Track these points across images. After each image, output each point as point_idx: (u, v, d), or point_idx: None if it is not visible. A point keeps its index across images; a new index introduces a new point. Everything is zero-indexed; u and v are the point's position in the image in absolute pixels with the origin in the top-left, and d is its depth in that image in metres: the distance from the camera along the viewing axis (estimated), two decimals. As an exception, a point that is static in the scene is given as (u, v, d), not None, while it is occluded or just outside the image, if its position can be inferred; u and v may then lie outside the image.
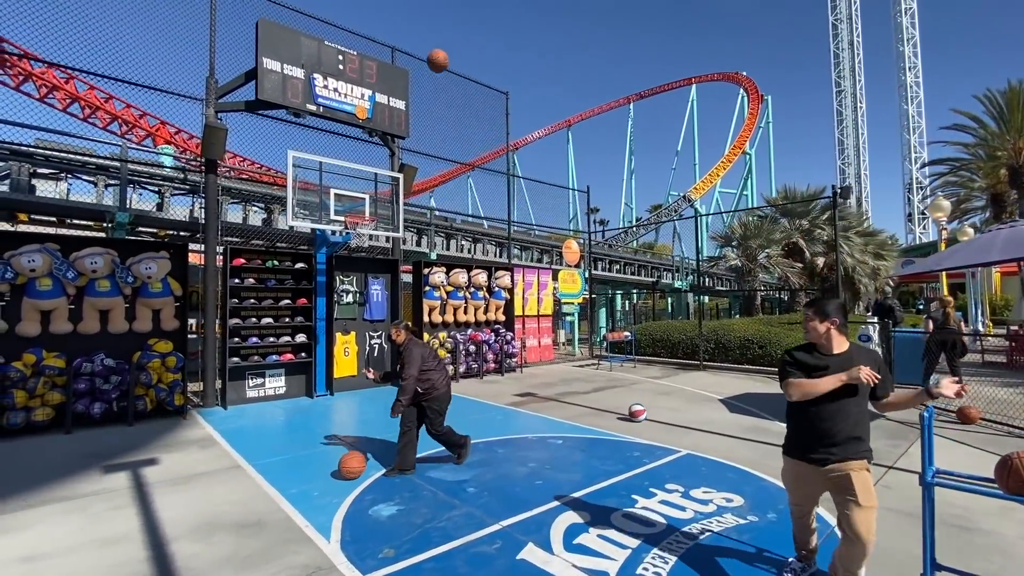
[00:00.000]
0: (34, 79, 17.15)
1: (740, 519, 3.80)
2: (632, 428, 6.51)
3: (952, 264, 5.92)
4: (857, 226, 19.62)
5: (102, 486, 4.52)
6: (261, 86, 7.65)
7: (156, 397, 7.09)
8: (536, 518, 3.81)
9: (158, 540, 3.51)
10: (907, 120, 51.23)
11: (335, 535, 3.59)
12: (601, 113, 56.87)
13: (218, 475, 4.86)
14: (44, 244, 6.56)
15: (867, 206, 60.34)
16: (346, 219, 7.88)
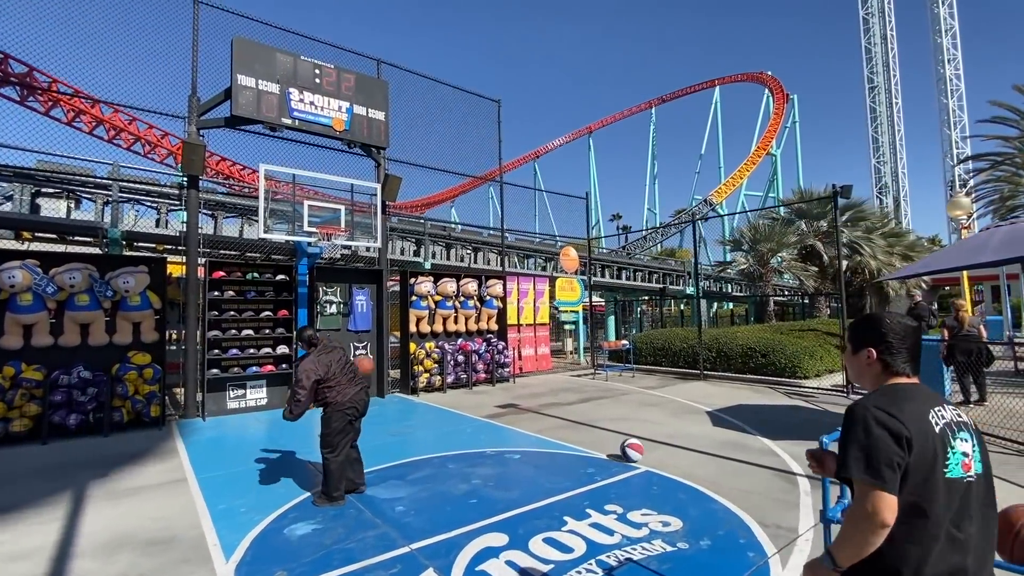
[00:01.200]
0: (62, 104, 18.12)
1: (668, 546, 3.51)
2: (598, 443, 6.23)
3: (940, 267, 5.43)
4: (881, 226, 18.62)
5: (42, 498, 4.57)
6: (236, 102, 7.79)
7: (133, 408, 7.22)
8: (451, 541, 3.62)
9: (62, 556, 3.48)
10: (947, 115, 48.57)
11: (238, 554, 3.49)
12: (623, 119, 56.36)
13: (160, 488, 4.85)
14: (24, 261, 6.80)
15: (906, 206, 57.49)
16: (319, 230, 7.90)
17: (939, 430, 1.36)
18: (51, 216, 9.37)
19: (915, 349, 1.52)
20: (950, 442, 1.36)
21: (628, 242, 38.97)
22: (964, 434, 1.39)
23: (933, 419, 1.38)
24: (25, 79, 16.73)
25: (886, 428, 1.34)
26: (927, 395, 1.45)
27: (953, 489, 1.33)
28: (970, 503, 1.35)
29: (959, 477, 1.35)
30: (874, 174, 57.89)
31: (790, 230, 17.46)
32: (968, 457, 1.37)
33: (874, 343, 1.54)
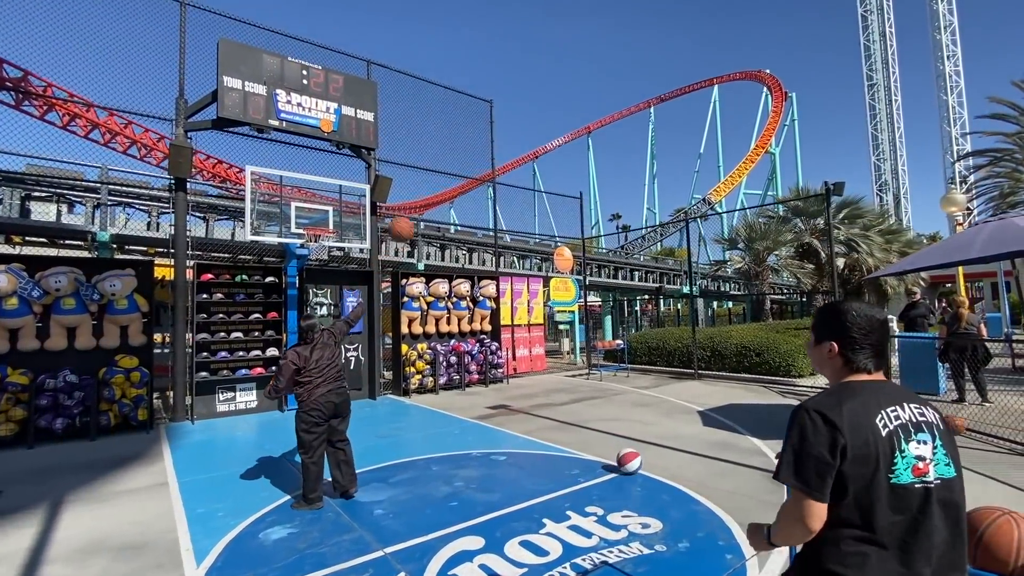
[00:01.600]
0: (57, 108, 18.13)
1: (646, 549, 3.46)
2: (585, 444, 6.18)
3: (927, 263, 5.36)
4: (879, 224, 18.51)
5: (22, 503, 4.54)
6: (222, 104, 7.77)
7: (120, 412, 7.19)
8: (426, 544, 3.58)
9: (34, 563, 3.45)
10: (947, 111, 48.36)
11: (209, 560, 3.45)
12: (622, 118, 56.31)
13: (140, 493, 4.82)
14: (9, 265, 6.77)
15: (907, 204, 57.30)
16: (307, 231, 7.87)
17: (887, 433, 1.28)
18: (40, 220, 9.35)
19: (880, 344, 1.42)
20: (900, 445, 1.27)
21: (628, 241, 38.93)
22: (922, 435, 1.29)
23: (882, 421, 1.29)
24: (20, 84, 16.73)
25: (820, 433, 1.27)
26: (886, 393, 1.36)
27: (901, 496, 1.25)
28: (929, 510, 1.25)
29: (908, 483, 1.25)
30: (874, 171, 57.71)
31: (786, 228, 17.38)
32: (924, 461, 1.27)
33: (836, 336, 1.45)
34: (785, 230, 17.30)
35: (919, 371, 8.80)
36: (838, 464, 1.25)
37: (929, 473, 1.28)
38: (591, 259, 18.93)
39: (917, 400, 1.39)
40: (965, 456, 5.30)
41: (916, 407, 1.35)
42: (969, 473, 4.79)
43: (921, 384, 8.71)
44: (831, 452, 1.25)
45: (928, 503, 1.26)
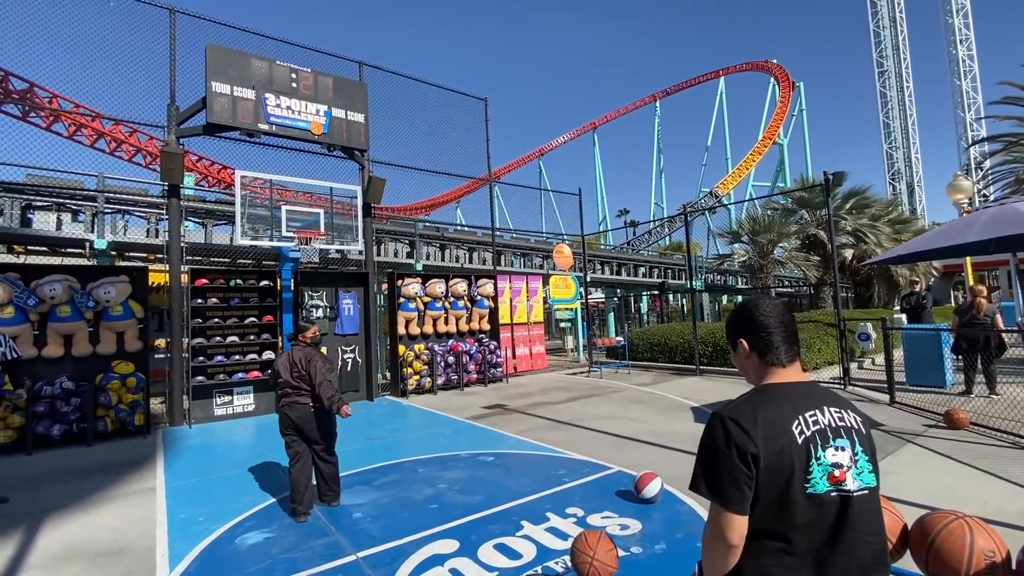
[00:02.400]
0: (64, 119, 18.43)
1: (621, 551, 3.36)
2: (576, 443, 6.11)
3: (921, 249, 5.19)
4: (887, 213, 18.15)
5: (11, 509, 4.58)
6: (211, 109, 7.80)
7: (117, 418, 7.26)
8: (399, 548, 3.55)
9: (12, 569, 3.47)
10: (961, 96, 47.32)
11: (182, 566, 3.45)
12: (627, 113, 55.90)
13: (127, 498, 4.85)
14: (4, 274, 6.86)
15: (921, 192, 56.24)
16: (299, 234, 7.88)
17: (803, 440, 1.21)
18: (40, 229, 9.49)
19: (788, 333, 1.36)
20: (816, 452, 1.21)
21: (635, 237, 38.64)
22: (841, 441, 1.23)
23: (798, 427, 1.22)
24: (26, 95, 17.02)
25: (732, 443, 1.20)
26: (805, 396, 1.29)
27: (817, 506, 1.19)
28: (847, 521, 1.19)
29: (824, 492, 1.19)
30: (886, 160, 56.72)
31: (791, 220, 17.09)
32: (841, 468, 1.21)
33: (744, 333, 1.40)
34: (790, 222, 17.02)
35: (924, 364, 8.59)
36: (754, 474, 1.19)
37: (846, 481, 1.21)
38: (592, 256, 18.79)
39: (838, 403, 1.32)
40: (966, 450, 5.17)
41: (836, 411, 1.28)
42: (968, 469, 4.67)
43: (926, 377, 8.50)
44: (744, 462, 1.19)
45: (847, 512, 1.20)
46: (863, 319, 11.55)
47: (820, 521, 1.19)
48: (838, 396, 1.35)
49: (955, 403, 6.93)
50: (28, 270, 7.20)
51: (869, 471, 1.24)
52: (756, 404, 1.27)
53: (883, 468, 4.69)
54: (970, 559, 1.64)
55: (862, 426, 1.29)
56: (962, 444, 5.40)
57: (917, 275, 17.11)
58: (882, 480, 4.14)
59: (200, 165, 23.08)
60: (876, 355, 11.73)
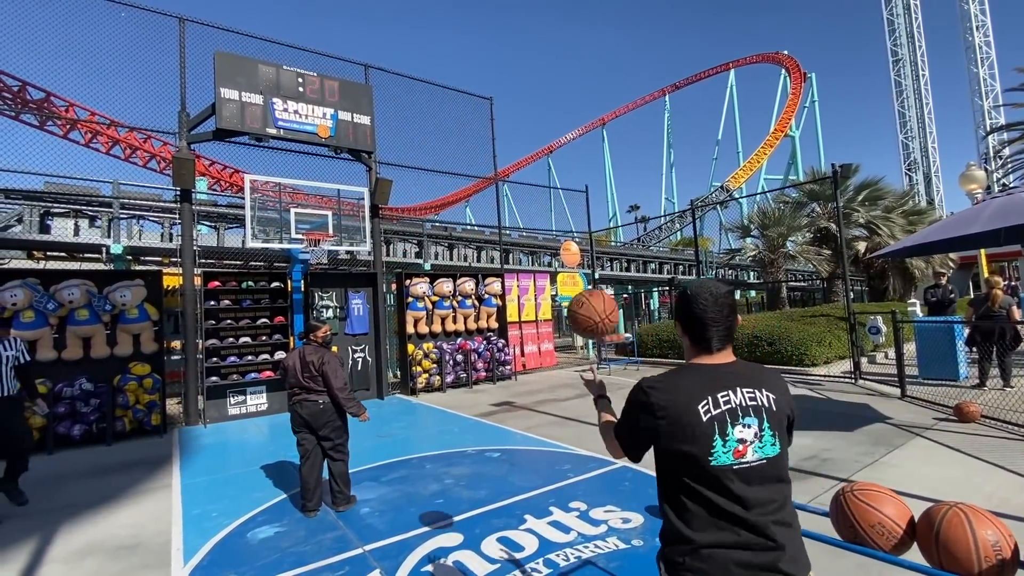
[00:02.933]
0: (80, 127, 18.88)
1: (623, 544, 3.44)
2: (582, 439, 6.15)
3: (925, 240, 5.13)
4: (901, 205, 17.85)
5: (34, 507, 4.75)
6: (220, 115, 7.96)
7: (134, 417, 7.46)
8: (405, 542, 3.63)
9: (34, 563, 3.62)
10: (978, 84, 46.26)
11: (197, 559, 3.57)
12: (636, 108, 55.58)
13: (145, 495, 5.00)
14: (25, 279, 7.08)
15: (938, 182, 55.10)
16: (307, 236, 8.01)
17: (708, 418, 1.31)
18: (59, 235, 9.75)
19: (719, 322, 1.41)
20: (724, 429, 1.31)
21: (645, 232, 38.49)
22: (749, 419, 1.33)
23: (705, 406, 1.32)
24: (43, 104, 17.46)
25: (639, 408, 1.39)
26: (722, 376, 1.39)
27: (724, 476, 1.29)
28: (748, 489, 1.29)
29: (727, 464, 1.29)
30: (902, 150, 55.65)
31: (802, 213, 16.90)
32: (745, 444, 1.31)
33: (680, 317, 1.49)
34: (801, 215, 16.83)
35: (937, 357, 8.48)
36: (649, 440, 1.40)
37: (748, 454, 1.31)
38: (601, 252, 18.76)
39: (754, 383, 1.40)
40: (976, 443, 5.12)
41: (749, 391, 1.37)
42: (976, 462, 4.63)
43: (940, 371, 8.40)
44: (644, 427, 1.39)
45: (749, 482, 1.30)
46: (876, 312, 11.42)
47: (724, 490, 1.29)
48: (758, 375, 1.43)
49: (967, 396, 6.85)
50: (47, 275, 7.42)
51: (772, 444, 1.34)
52: (673, 381, 1.39)
53: (889, 462, 4.71)
54: (978, 551, 1.62)
55: (773, 403, 1.38)
56: (972, 437, 5.35)
57: (939, 267, 16.80)
58: (886, 474, 4.15)
59: (212, 169, 23.48)
60: (889, 348, 11.59)
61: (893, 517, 1.85)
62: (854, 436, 5.63)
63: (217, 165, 23.62)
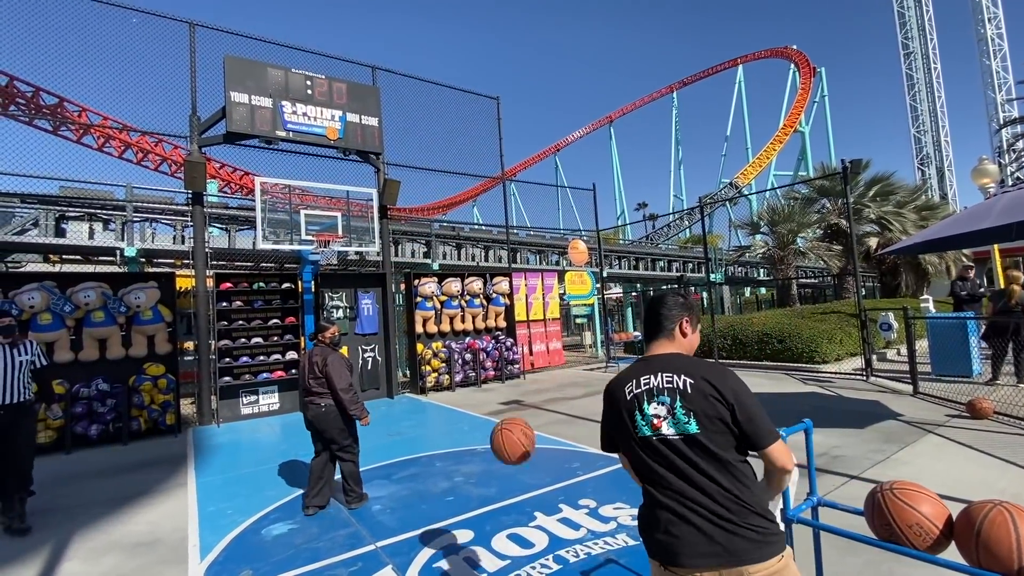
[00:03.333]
0: (93, 132, 19.16)
1: (631, 540, 3.46)
2: (591, 437, 6.16)
3: (935, 236, 5.07)
4: (913, 200, 17.62)
5: (53, 505, 4.86)
6: (230, 118, 8.06)
7: (149, 417, 7.59)
8: (416, 538, 3.68)
9: (53, 559, 3.71)
10: (990, 77, 45.50)
11: (213, 555, 3.63)
12: (644, 105, 55.29)
13: (161, 493, 5.09)
14: (42, 282, 7.23)
15: (951, 176, 54.28)
16: (317, 237, 8.09)
17: (630, 396, 1.62)
18: (73, 239, 9.92)
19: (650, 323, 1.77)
20: (641, 406, 1.60)
21: (653, 230, 38.31)
22: (663, 398, 1.58)
23: (629, 387, 1.64)
24: (57, 110, 17.74)
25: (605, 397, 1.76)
26: (649, 365, 1.67)
27: (648, 446, 1.58)
28: (669, 457, 1.54)
29: (649, 435, 1.58)
30: (914, 145, 54.87)
31: (812, 209, 16.74)
32: (658, 419, 1.57)
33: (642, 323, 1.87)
34: (811, 211, 16.68)
35: (950, 353, 8.38)
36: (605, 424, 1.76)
37: (662, 428, 1.56)
38: (608, 251, 18.73)
39: (674, 370, 1.62)
40: (988, 440, 5.07)
41: (668, 376, 1.61)
42: (988, 458, 4.59)
43: (953, 367, 8.30)
44: (604, 416, 1.77)
45: (667, 451, 1.55)
46: (887, 309, 11.32)
47: (652, 457, 1.57)
48: (680, 364, 1.64)
49: (980, 393, 6.77)
50: (64, 278, 7.56)
51: (685, 422, 1.55)
52: (624, 371, 1.75)
53: (900, 459, 4.69)
54: (1020, 549, 1.61)
55: (688, 387, 1.57)
56: (985, 434, 5.30)
57: (966, 260, 16.49)
58: (898, 471, 4.12)
59: (223, 172, 23.72)
60: (901, 345, 11.48)
61: (931, 517, 1.82)
62: (865, 433, 5.60)
63: (227, 168, 23.86)
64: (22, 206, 10.04)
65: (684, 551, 1.49)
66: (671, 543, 1.51)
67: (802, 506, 2.49)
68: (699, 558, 1.48)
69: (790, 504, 2.62)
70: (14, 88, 16.52)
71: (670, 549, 1.52)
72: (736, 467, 1.53)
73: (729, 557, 1.47)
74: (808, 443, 2.58)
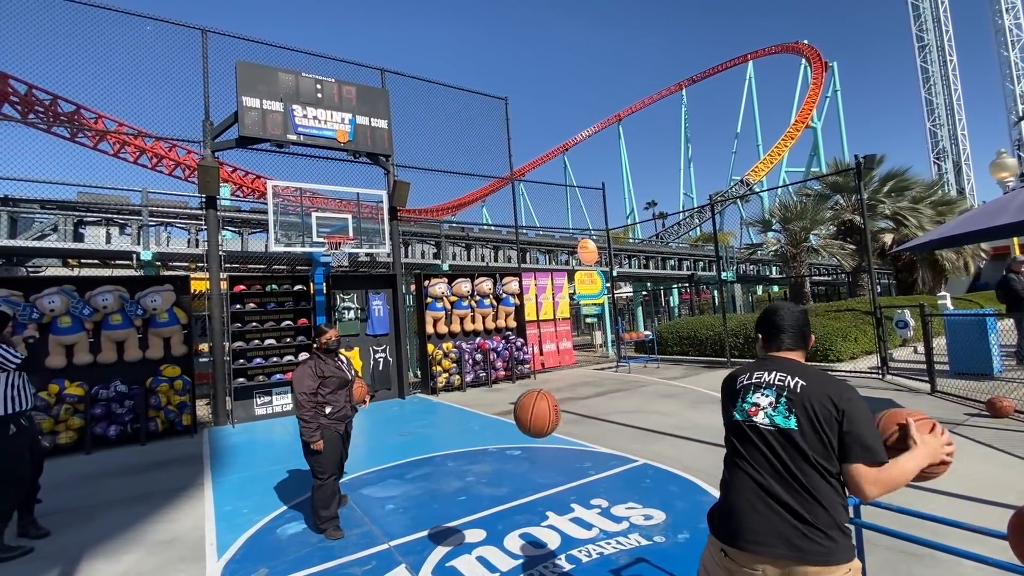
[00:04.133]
0: (109, 138, 19.49)
1: (644, 540, 3.46)
2: (601, 437, 6.16)
3: (955, 232, 4.98)
4: (929, 195, 17.33)
5: (75, 505, 4.96)
6: (242, 123, 8.16)
7: (166, 418, 7.71)
8: (429, 538, 3.70)
9: (75, 557, 3.79)
10: (1009, 68, 44.59)
11: (230, 553, 3.69)
12: (652, 103, 55.00)
13: (178, 492, 5.17)
14: (62, 286, 7.38)
15: (969, 171, 53.28)
16: (328, 239, 8.17)
17: (740, 386, 1.75)
18: (91, 243, 10.12)
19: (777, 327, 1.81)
20: (747, 394, 1.71)
21: (663, 229, 38.09)
22: (768, 391, 1.67)
23: (744, 378, 1.76)
24: (74, 117, 18.09)
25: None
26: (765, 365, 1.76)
27: (737, 428, 1.69)
28: (755, 443, 1.62)
29: (742, 420, 1.68)
30: (930, 139, 53.94)
31: (825, 206, 16.54)
32: (756, 407, 1.66)
33: (758, 328, 1.90)
34: (824, 208, 16.48)
35: (970, 351, 8.22)
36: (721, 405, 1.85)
37: (757, 416, 1.64)
38: (619, 249, 18.67)
39: (789, 371, 1.69)
40: (1009, 439, 4.98)
41: (781, 375, 1.68)
42: (1009, 458, 4.53)
43: (972, 365, 8.13)
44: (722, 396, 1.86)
45: (758, 438, 1.62)
46: (903, 306, 11.15)
47: (739, 439, 1.68)
48: (796, 368, 1.70)
49: (1001, 391, 6.64)
50: (82, 282, 7.71)
51: (784, 416, 1.59)
52: (739, 368, 1.85)
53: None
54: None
55: (797, 387, 1.63)
56: (1006, 432, 5.21)
57: (970, 259, 16.14)
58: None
59: (235, 176, 24.01)
60: (918, 343, 11.29)
61: None
62: (881, 432, 5.52)
63: (239, 171, 24.15)
64: (42, 211, 10.26)
65: (745, 534, 1.55)
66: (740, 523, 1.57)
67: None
68: (759, 545, 1.52)
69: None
70: (33, 96, 16.86)
71: (737, 526, 1.58)
72: (823, 472, 1.52)
73: (791, 551, 1.47)
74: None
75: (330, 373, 4.06)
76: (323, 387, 4.02)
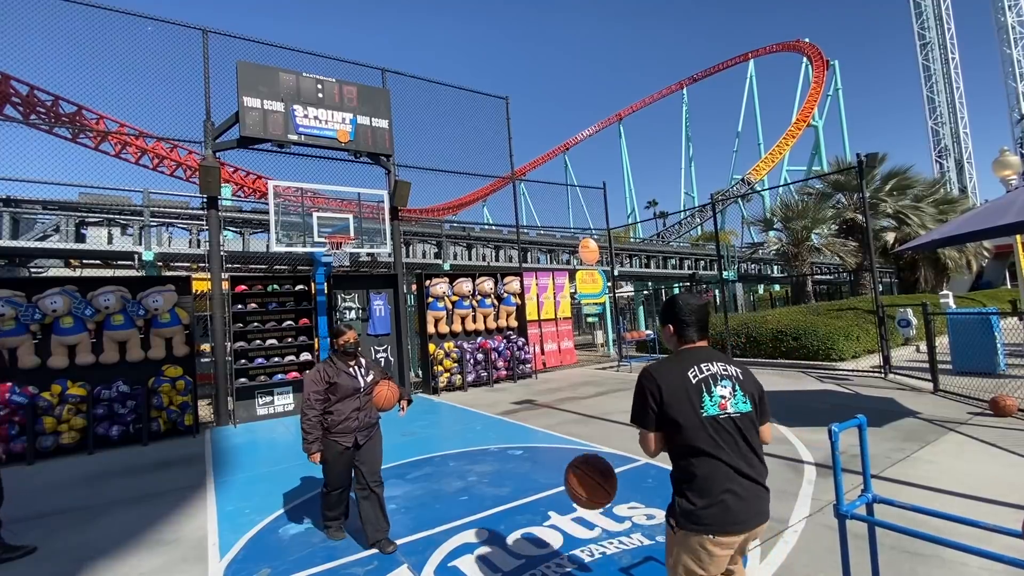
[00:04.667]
0: (110, 139, 19.51)
1: (647, 540, 3.45)
2: (604, 436, 6.16)
3: (958, 232, 4.96)
4: (931, 194, 17.30)
5: (78, 505, 4.97)
6: (243, 123, 8.16)
7: (168, 418, 7.72)
8: (431, 538, 3.70)
9: (79, 557, 3.79)
10: (1011, 66, 44.45)
11: (232, 553, 3.69)
12: (653, 102, 54.92)
13: (180, 492, 5.18)
14: (64, 287, 7.39)
15: (971, 169, 53.16)
16: (329, 240, 8.17)
17: (696, 381, 1.83)
18: (93, 244, 10.13)
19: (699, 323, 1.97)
20: (709, 389, 1.82)
21: (664, 228, 38.05)
22: (725, 383, 1.85)
23: (692, 373, 1.84)
24: (75, 118, 18.12)
25: (645, 386, 1.88)
26: (700, 356, 1.89)
27: (713, 423, 1.79)
28: (731, 432, 1.79)
29: (716, 414, 1.80)
30: (932, 137, 53.84)
31: (827, 205, 16.50)
32: (724, 399, 1.82)
33: (672, 320, 1.99)
34: (826, 207, 16.45)
35: (973, 349, 8.21)
36: (656, 406, 1.84)
37: (728, 408, 1.81)
38: (620, 249, 18.66)
39: (724, 360, 1.93)
40: (1013, 438, 4.97)
41: (722, 365, 1.90)
42: (1013, 457, 4.52)
43: (975, 364, 8.12)
44: (652, 397, 1.85)
45: (732, 427, 1.80)
46: (905, 305, 11.12)
47: (717, 432, 1.78)
48: (721, 356, 1.94)
49: (1004, 389, 6.63)
50: (84, 282, 7.72)
51: (743, 402, 1.84)
52: (666, 361, 1.93)
53: (921, 457, 4.62)
54: None
55: (739, 374, 1.90)
56: (1009, 432, 5.19)
57: (972, 257, 16.12)
58: (918, 469, 4.08)
59: (236, 176, 24.04)
60: (921, 342, 11.27)
61: None
62: (884, 431, 5.51)
63: (240, 171, 24.17)
64: (44, 212, 10.28)
65: (736, 518, 1.74)
66: (731, 511, 1.74)
67: (856, 502, 2.35)
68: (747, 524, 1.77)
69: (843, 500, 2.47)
70: (34, 97, 16.89)
71: (730, 516, 1.74)
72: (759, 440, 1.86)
73: (764, 518, 1.81)
74: (862, 439, 2.45)
75: (340, 379, 3.70)
76: (331, 393, 3.68)
